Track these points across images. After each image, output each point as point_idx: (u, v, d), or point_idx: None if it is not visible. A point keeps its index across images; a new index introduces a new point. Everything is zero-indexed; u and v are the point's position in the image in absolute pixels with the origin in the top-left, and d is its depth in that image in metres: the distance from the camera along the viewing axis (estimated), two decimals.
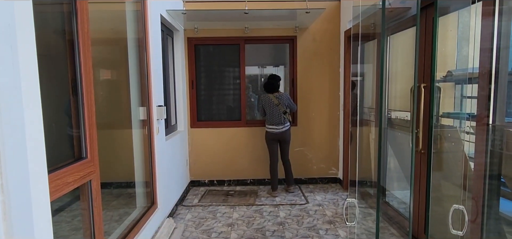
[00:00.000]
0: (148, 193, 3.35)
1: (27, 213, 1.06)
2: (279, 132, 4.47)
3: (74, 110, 2.01)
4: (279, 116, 4.43)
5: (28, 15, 1.08)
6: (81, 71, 1.99)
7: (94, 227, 2.18)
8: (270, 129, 4.50)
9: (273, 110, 4.44)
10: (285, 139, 4.53)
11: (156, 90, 3.39)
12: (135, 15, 3.17)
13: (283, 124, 4.46)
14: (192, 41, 4.90)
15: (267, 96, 4.47)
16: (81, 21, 1.98)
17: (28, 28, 1.08)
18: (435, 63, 2.46)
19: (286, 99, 4.47)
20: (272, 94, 4.46)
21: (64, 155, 2.04)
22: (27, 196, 1.06)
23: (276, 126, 4.45)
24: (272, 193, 4.60)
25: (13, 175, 0.99)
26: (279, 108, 4.41)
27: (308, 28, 4.89)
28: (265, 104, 4.49)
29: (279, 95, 4.45)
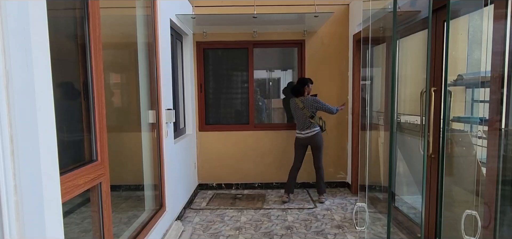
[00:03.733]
0: (157, 196, 3.37)
1: (39, 214, 1.08)
2: (303, 137, 4.37)
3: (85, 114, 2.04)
4: (304, 121, 4.33)
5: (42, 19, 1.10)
6: (92, 75, 2.02)
7: (103, 229, 2.20)
8: (297, 133, 4.46)
9: (298, 115, 4.37)
10: (313, 144, 4.39)
11: (165, 93, 3.42)
12: (145, 20, 3.20)
13: (308, 128, 4.34)
14: (200, 45, 4.94)
15: (293, 100, 4.41)
16: (93, 25, 2.02)
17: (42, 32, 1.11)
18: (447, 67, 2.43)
19: (312, 103, 4.31)
20: (298, 98, 4.37)
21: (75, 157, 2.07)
22: (40, 197, 1.07)
23: (300, 131, 4.39)
24: (283, 196, 4.56)
25: (26, 176, 1.01)
26: (304, 113, 4.31)
27: (316, 32, 4.88)
28: (292, 109, 4.44)
29: (304, 99, 4.34)
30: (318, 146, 4.38)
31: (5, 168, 0.91)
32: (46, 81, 1.12)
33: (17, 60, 0.97)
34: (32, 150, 1.03)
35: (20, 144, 0.97)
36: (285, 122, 5.29)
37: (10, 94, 0.93)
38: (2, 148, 0.90)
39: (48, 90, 1.14)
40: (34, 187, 1.04)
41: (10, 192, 0.93)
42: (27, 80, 1.01)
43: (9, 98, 0.92)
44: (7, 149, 0.92)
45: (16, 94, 0.96)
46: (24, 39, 1.00)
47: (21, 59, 0.99)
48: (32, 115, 1.03)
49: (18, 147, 0.96)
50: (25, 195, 0.99)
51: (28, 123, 1.02)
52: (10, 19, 0.94)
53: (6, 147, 0.91)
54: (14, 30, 0.96)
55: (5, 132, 0.91)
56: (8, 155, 0.92)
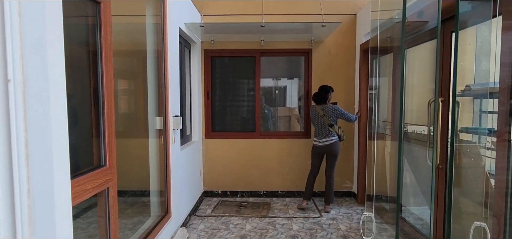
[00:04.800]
0: (162, 202, 3.39)
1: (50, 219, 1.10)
2: (321, 145, 4.33)
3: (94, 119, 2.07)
4: (323, 129, 4.30)
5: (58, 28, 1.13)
6: (102, 82, 2.06)
7: (110, 235, 2.21)
8: (314, 141, 4.43)
9: (317, 122, 4.33)
10: (330, 153, 4.36)
11: (173, 100, 3.45)
12: (155, 28, 3.25)
13: (326, 136, 4.30)
14: (208, 53, 4.98)
15: (314, 108, 4.38)
16: (104, 33, 2.06)
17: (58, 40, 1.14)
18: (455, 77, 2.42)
19: (333, 111, 4.29)
20: (319, 106, 4.35)
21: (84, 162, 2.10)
22: (51, 202, 1.09)
23: (318, 139, 4.36)
24: (301, 202, 4.52)
25: (39, 180, 1.03)
26: (324, 121, 4.28)
27: (323, 41, 4.90)
28: (312, 116, 4.40)
29: (325, 107, 4.31)
30: (335, 154, 4.37)
31: (20, 172, 0.93)
32: (60, 88, 1.14)
33: (34, 67, 1.00)
34: (45, 154, 1.06)
35: (35, 148, 0.99)
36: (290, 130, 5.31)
37: (26, 100, 0.95)
38: (18, 152, 0.92)
39: (62, 96, 1.16)
40: (46, 191, 1.06)
41: (24, 195, 0.95)
42: (43, 86, 1.04)
43: (26, 104, 0.95)
44: (22, 153, 0.94)
45: (32, 100, 0.98)
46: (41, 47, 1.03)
47: (38, 66, 1.02)
48: (46, 120, 1.06)
49: (33, 151, 0.98)
50: (37, 199, 1.01)
51: (43, 128, 1.05)
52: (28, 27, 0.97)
53: (21, 151, 0.94)
54: (31, 38, 0.99)
55: (21, 136, 0.94)
56: (23, 159, 0.95)
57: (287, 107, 5.40)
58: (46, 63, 1.06)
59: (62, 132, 1.16)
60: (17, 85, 0.92)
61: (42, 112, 1.04)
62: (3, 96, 0.89)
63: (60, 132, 1.14)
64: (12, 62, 0.90)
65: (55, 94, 1.11)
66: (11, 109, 0.91)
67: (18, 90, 0.92)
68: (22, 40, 0.94)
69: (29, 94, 0.97)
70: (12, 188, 0.91)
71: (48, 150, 1.07)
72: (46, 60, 1.06)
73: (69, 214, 1.23)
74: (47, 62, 1.06)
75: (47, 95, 1.06)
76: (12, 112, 0.91)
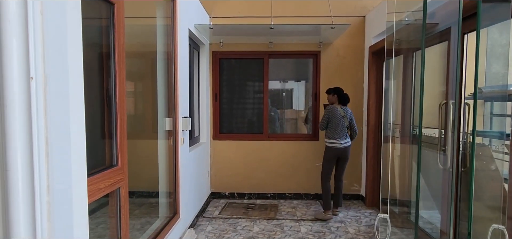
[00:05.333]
0: (171, 203, 3.40)
1: (68, 215, 1.11)
2: (342, 147, 4.18)
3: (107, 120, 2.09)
4: (344, 130, 4.20)
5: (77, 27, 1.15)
6: (115, 83, 2.08)
7: (120, 235, 2.22)
8: (334, 143, 4.17)
9: (339, 123, 4.16)
10: (346, 156, 4.27)
11: (182, 101, 3.47)
12: (165, 30, 3.28)
13: (346, 138, 4.23)
14: (217, 55, 5.00)
15: (335, 108, 4.20)
16: (117, 34, 2.08)
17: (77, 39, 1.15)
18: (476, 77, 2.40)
19: (350, 115, 4.26)
20: (339, 106, 4.23)
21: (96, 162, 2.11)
22: (69, 198, 1.10)
23: (339, 140, 4.16)
24: (326, 214, 4.24)
25: (58, 177, 1.04)
26: (344, 121, 4.19)
27: (332, 43, 4.89)
28: (332, 116, 4.17)
29: (345, 108, 4.25)
30: (349, 157, 4.33)
31: (40, 169, 0.94)
32: (79, 87, 1.16)
33: (55, 66, 1.01)
34: (64, 152, 1.07)
35: (54, 146, 1.01)
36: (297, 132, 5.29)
37: (47, 98, 0.96)
38: (38, 149, 0.94)
39: (80, 95, 1.18)
40: (65, 188, 1.08)
41: (43, 192, 0.96)
42: (63, 84, 1.05)
43: (46, 101, 0.96)
44: (42, 150, 0.95)
45: (53, 97, 1.00)
46: (62, 46, 1.05)
47: (58, 64, 1.03)
48: (65, 118, 1.07)
49: (52, 149, 0.99)
50: (56, 195, 1.02)
51: (62, 125, 1.06)
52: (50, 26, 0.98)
53: (41, 148, 0.95)
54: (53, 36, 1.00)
55: (41, 134, 0.95)
56: (43, 157, 0.96)
57: (294, 110, 5.40)
58: (66, 61, 1.07)
59: (80, 130, 1.17)
60: (38, 83, 0.93)
61: (62, 110, 1.06)
62: (26, 94, 0.90)
63: (78, 130, 1.16)
64: (34, 60, 0.92)
65: (74, 92, 1.13)
66: (32, 107, 0.92)
67: (39, 88, 0.93)
68: (44, 39, 0.95)
69: (50, 92, 0.98)
70: (32, 185, 0.92)
71: (67, 148, 1.08)
72: (66, 59, 1.07)
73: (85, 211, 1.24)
74: (68, 61, 1.08)
75: (66, 93, 1.07)
76: (34, 109, 0.92)
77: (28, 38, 0.90)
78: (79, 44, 1.16)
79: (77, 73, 1.15)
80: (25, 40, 0.90)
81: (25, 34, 0.90)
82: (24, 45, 0.90)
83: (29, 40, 0.91)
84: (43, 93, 0.95)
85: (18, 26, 0.90)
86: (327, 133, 4.24)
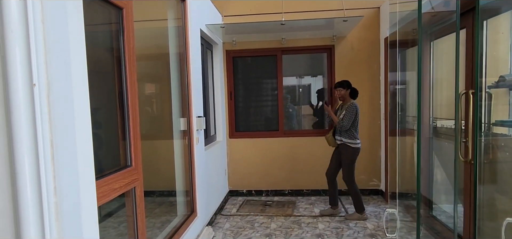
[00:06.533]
0: (188, 202, 3.45)
1: (77, 215, 1.15)
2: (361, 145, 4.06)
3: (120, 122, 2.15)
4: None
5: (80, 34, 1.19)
6: (127, 85, 2.13)
7: (137, 232, 2.28)
8: (358, 144, 3.98)
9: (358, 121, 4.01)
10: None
11: (196, 101, 3.51)
12: (176, 31, 3.33)
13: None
14: (230, 53, 5.03)
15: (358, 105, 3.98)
16: (127, 38, 2.13)
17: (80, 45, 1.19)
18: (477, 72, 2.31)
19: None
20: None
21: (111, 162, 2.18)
22: (77, 199, 1.15)
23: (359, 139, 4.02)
24: (363, 215, 4.05)
25: (65, 179, 1.08)
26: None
27: (346, 37, 4.81)
28: (358, 114, 3.95)
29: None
30: None
31: (46, 171, 0.98)
32: (83, 91, 1.20)
33: (58, 72, 1.05)
34: (70, 154, 1.11)
35: (60, 148, 1.05)
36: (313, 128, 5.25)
37: (51, 103, 1.00)
38: (44, 152, 0.98)
39: (85, 99, 1.22)
40: (72, 189, 1.12)
41: (51, 193, 1.00)
42: (66, 90, 1.09)
43: (50, 107, 1.00)
44: (48, 153, 0.99)
45: (57, 103, 1.04)
46: (64, 52, 1.09)
47: (61, 71, 1.07)
48: (70, 122, 1.11)
49: (58, 151, 1.03)
50: (64, 196, 1.06)
51: (67, 129, 1.10)
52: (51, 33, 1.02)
53: (47, 151, 0.99)
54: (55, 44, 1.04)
55: (47, 137, 0.99)
56: (49, 159, 1.00)
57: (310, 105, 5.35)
58: (69, 68, 1.11)
59: (86, 133, 1.21)
60: (41, 89, 0.97)
61: (66, 114, 1.10)
62: (29, 100, 0.94)
63: (84, 133, 1.20)
64: (37, 67, 0.96)
65: (78, 97, 1.17)
66: (36, 112, 0.96)
67: (43, 94, 0.97)
68: (45, 47, 0.99)
69: (53, 98, 1.02)
70: (39, 186, 0.96)
71: (73, 150, 1.13)
72: (69, 65, 1.11)
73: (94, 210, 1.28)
74: (70, 67, 1.12)
75: (70, 98, 1.12)
76: (38, 114, 0.96)
77: (30, 47, 0.94)
78: (82, 50, 1.20)
79: (81, 78, 1.19)
80: (27, 49, 0.94)
81: (27, 42, 0.94)
82: (26, 53, 0.94)
83: (31, 48, 0.95)
84: (46, 98, 0.99)
85: (20, 36, 0.94)
86: (352, 132, 3.93)
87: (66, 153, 1.09)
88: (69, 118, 1.11)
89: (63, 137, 1.07)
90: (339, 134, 4.03)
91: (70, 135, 1.11)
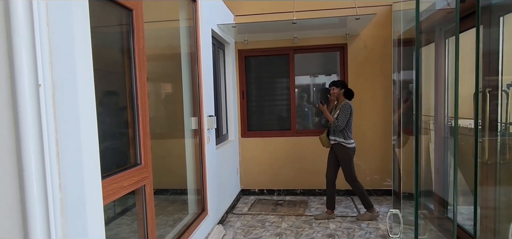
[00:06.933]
0: (199, 200, 3.49)
1: (82, 210, 1.19)
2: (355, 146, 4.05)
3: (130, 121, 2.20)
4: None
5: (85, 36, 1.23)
6: (136, 85, 2.18)
7: (147, 229, 2.33)
8: (353, 143, 3.98)
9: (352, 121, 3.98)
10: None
11: (207, 101, 3.55)
12: (188, 31, 3.37)
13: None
14: (242, 53, 5.05)
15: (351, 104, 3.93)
16: (137, 39, 2.17)
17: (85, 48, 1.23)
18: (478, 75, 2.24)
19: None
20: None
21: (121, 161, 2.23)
22: (82, 196, 1.19)
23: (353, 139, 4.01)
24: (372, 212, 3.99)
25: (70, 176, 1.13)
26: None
27: (359, 35, 4.75)
28: (352, 114, 3.92)
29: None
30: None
31: (51, 168, 1.02)
32: (88, 91, 1.24)
33: (62, 73, 1.09)
34: (75, 152, 1.15)
35: (64, 147, 1.09)
36: None
37: (56, 103, 1.04)
38: (49, 150, 1.02)
39: (91, 99, 1.26)
40: (76, 185, 1.16)
41: (56, 189, 1.04)
42: (71, 90, 1.13)
43: (55, 107, 1.04)
44: (53, 151, 1.04)
45: (61, 102, 1.08)
46: (69, 54, 1.13)
47: (66, 71, 1.11)
48: (75, 122, 1.15)
49: (63, 149, 1.07)
50: (68, 193, 1.10)
51: (72, 128, 1.14)
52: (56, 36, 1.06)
53: (52, 149, 1.03)
54: (59, 46, 1.08)
55: (52, 136, 1.03)
56: (54, 157, 1.04)
57: None
58: (74, 68, 1.15)
59: (91, 133, 1.25)
60: (47, 89, 1.01)
61: (71, 114, 1.14)
62: (35, 100, 0.98)
63: (89, 133, 1.24)
64: (42, 68, 1.00)
65: (83, 97, 1.21)
66: (42, 112, 1.00)
67: (47, 94, 1.01)
68: (50, 48, 1.03)
69: (58, 98, 1.06)
70: (45, 183, 1.00)
71: (78, 148, 1.17)
72: (74, 66, 1.15)
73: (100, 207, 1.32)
74: (75, 68, 1.16)
75: (75, 98, 1.16)
76: (43, 114, 1.00)
77: (36, 49, 0.98)
78: (88, 51, 1.24)
79: (86, 78, 1.23)
80: (32, 51, 0.98)
81: (32, 45, 0.98)
82: (32, 55, 0.98)
83: (36, 50, 0.99)
84: (51, 98, 1.03)
85: (26, 38, 0.98)
86: (346, 132, 3.91)
87: (71, 151, 1.13)
88: (74, 117, 1.15)
89: (68, 136, 1.11)
90: (333, 134, 4.00)
91: (75, 133, 1.15)
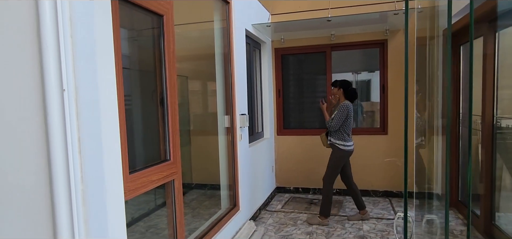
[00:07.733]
0: (231, 196, 3.61)
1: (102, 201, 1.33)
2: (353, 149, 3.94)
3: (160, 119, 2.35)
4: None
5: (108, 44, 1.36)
6: (167, 85, 2.32)
7: (176, 221, 2.48)
8: (349, 146, 3.84)
9: (351, 122, 3.88)
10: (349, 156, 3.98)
11: (240, 100, 3.64)
12: (221, 32, 3.49)
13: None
14: (278, 51, 5.08)
15: (351, 105, 3.85)
16: (167, 42, 2.32)
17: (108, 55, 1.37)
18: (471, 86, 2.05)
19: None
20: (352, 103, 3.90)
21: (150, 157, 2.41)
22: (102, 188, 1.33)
23: (351, 142, 3.89)
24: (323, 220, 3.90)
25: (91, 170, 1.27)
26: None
27: (400, 30, 4.54)
28: (350, 115, 3.80)
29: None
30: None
31: (74, 162, 1.17)
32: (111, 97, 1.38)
33: (85, 79, 1.24)
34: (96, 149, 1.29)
35: (86, 144, 1.23)
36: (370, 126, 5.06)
37: (78, 106, 1.19)
38: (72, 146, 1.16)
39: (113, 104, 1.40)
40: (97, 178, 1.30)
41: (78, 181, 1.18)
42: (93, 93, 1.27)
43: (78, 109, 1.19)
44: (76, 147, 1.18)
45: (84, 106, 1.22)
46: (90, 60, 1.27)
47: (88, 76, 1.25)
48: (96, 122, 1.30)
49: (85, 147, 1.22)
50: (89, 185, 1.24)
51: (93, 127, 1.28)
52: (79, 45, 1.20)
53: (75, 145, 1.18)
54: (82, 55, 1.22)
55: (74, 135, 1.17)
56: (77, 153, 1.18)
57: (370, 102, 5.13)
58: (95, 73, 1.29)
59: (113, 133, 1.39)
60: (70, 93, 1.15)
61: (92, 115, 1.28)
62: (59, 103, 1.13)
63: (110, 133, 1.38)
64: (66, 74, 1.14)
65: (105, 99, 1.34)
66: (66, 114, 1.14)
67: (71, 98, 1.15)
68: (74, 57, 1.17)
69: (80, 101, 1.20)
70: (68, 176, 1.15)
71: (98, 145, 1.31)
72: (95, 70, 1.29)
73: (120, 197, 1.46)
74: (97, 72, 1.30)
75: (96, 100, 1.29)
76: (67, 115, 1.15)
77: (60, 58, 1.13)
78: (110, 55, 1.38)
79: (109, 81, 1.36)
80: (58, 59, 1.12)
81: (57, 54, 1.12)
82: (57, 63, 1.12)
83: (61, 59, 1.13)
84: (74, 102, 1.17)
85: (53, 49, 1.12)
86: (341, 134, 3.79)
87: (92, 148, 1.27)
88: (95, 118, 1.29)
89: (89, 134, 1.25)
90: (330, 134, 3.91)
91: (95, 133, 1.29)
